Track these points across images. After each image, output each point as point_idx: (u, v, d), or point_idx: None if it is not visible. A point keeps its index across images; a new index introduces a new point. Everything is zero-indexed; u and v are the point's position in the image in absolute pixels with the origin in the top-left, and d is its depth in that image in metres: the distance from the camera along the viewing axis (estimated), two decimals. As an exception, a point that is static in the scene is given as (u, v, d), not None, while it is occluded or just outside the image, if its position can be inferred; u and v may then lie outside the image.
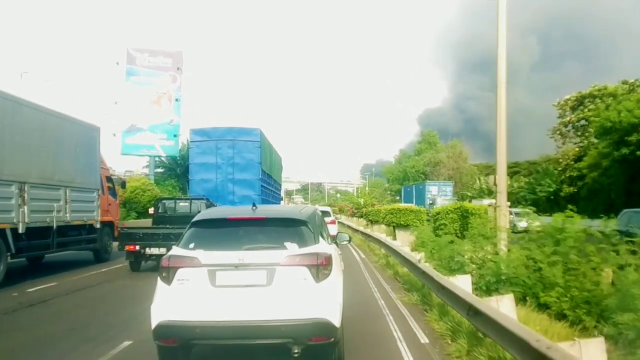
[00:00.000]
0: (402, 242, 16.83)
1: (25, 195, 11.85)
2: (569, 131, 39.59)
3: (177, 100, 36.96)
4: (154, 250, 13.16)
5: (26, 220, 11.86)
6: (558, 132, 39.83)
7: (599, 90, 36.61)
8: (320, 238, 5.49)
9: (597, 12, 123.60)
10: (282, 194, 48.97)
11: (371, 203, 44.05)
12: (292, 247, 5.00)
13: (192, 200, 16.13)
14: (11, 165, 11.53)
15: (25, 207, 11.83)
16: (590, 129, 36.71)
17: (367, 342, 6.81)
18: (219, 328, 4.74)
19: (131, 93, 36.69)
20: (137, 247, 13.24)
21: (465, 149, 67.52)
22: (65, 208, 13.67)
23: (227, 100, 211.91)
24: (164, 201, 16.68)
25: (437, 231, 17.30)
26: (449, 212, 18.05)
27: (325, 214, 18.32)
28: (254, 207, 5.71)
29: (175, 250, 5.17)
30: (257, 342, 4.88)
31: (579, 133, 38.19)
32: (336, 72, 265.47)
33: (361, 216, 41.43)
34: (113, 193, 17.96)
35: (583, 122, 38.25)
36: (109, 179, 17.84)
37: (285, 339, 4.76)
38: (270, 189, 26.90)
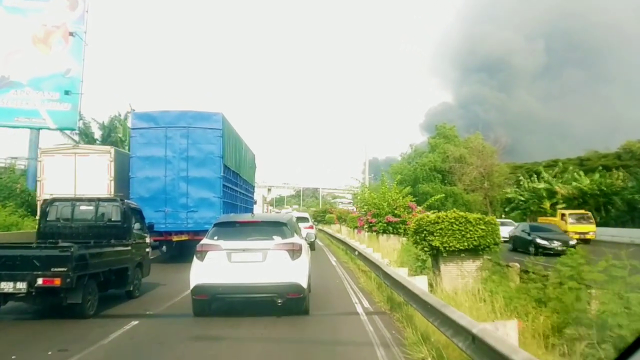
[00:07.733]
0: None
1: None
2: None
3: (72, 34, 22.16)
4: (6, 287, 8.33)
5: None
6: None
7: None
8: (295, 234, 9.28)
9: (597, 19, 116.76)
10: (257, 197, 35.25)
11: (404, 204, 23.60)
12: (277, 239, 8.77)
13: (100, 203, 11.30)
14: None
15: None
16: None
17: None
18: (233, 287, 8.49)
19: (0, 26, 21.95)
20: None
21: (490, 144, 52.75)
22: None
23: (205, 93, 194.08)
24: (57, 204, 11.39)
25: None
26: None
27: (303, 219, 24.59)
28: (253, 215, 12.85)
29: (206, 241, 8.83)
30: (256, 296, 8.76)
31: None
32: (331, 73, 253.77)
33: (393, 232, 22.43)
34: None
35: None
36: None
37: (273, 294, 8.56)
38: (237, 190, 21.58)
